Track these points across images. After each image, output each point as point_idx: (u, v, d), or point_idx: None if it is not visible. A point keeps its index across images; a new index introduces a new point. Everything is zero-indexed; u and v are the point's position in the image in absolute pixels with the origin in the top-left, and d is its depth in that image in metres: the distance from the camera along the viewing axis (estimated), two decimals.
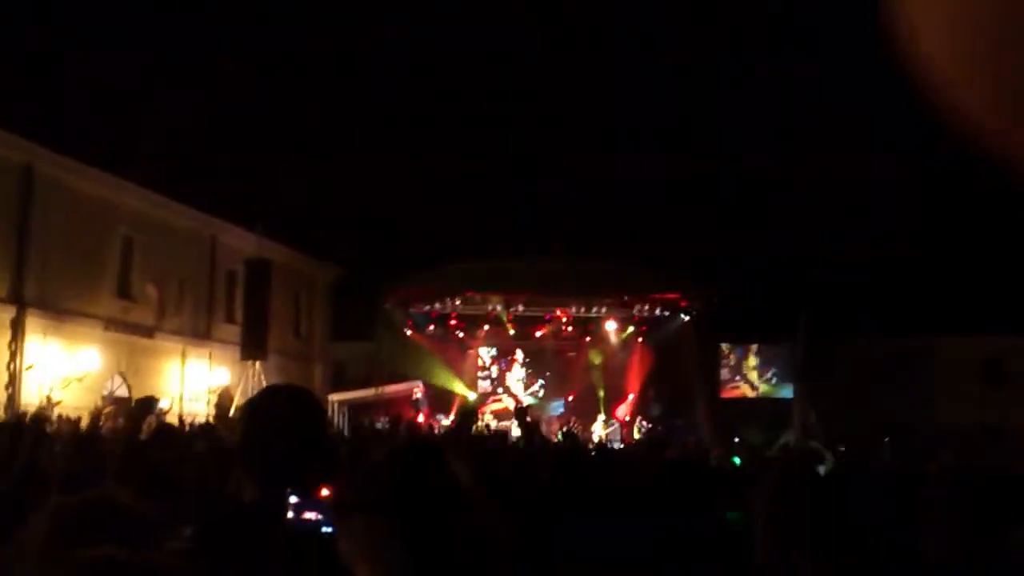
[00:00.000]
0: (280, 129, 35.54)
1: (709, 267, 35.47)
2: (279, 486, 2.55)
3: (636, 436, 31.38)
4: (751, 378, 38.88)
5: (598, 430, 32.28)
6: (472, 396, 35.79)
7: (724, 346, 38.69)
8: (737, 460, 12.07)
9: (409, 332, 35.59)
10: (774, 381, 37.99)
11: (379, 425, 25.69)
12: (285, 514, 2.54)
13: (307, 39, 45.06)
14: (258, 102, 39.19)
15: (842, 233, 38.73)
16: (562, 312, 35.26)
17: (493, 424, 29.82)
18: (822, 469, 8.99)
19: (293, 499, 4.34)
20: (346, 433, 21.90)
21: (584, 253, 33.88)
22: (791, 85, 44.15)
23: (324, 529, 4.11)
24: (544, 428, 29.22)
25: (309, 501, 4.65)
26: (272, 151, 32.67)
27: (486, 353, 37.46)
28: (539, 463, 6.82)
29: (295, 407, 2.69)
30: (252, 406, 2.78)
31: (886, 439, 25.55)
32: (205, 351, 30.06)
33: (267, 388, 3.00)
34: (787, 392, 35.36)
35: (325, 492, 4.86)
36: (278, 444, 2.59)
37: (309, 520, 4.45)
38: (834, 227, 39.42)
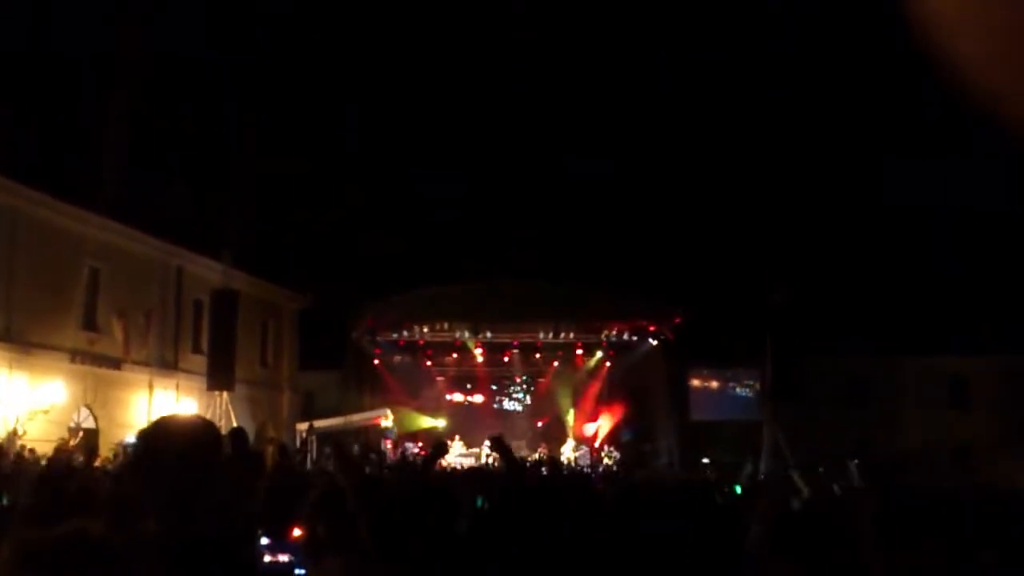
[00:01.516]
0: (246, 158, 35.47)
1: (676, 292, 35.66)
2: (174, 517, 2.51)
3: (605, 461, 31.47)
4: None
5: (567, 453, 32.33)
6: (441, 424, 35.78)
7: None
8: (739, 488, 12.18)
9: (377, 361, 35.57)
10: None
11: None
12: (194, 544, 2.48)
13: (272, 67, 45.07)
14: (224, 131, 39.09)
15: (806, 254, 39.03)
16: (530, 337, 35.34)
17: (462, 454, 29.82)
18: (796, 502, 9.07)
19: (264, 540, 4.34)
20: (311, 463, 21.84)
21: (552, 279, 34.01)
22: (756, 107, 44.63)
23: (296, 572, 4.12)
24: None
25: (280, 543, 4.66)
26: (237, 180, 32.58)
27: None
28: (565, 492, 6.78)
29: (185, 438, 2.65)
30: (145, 437, 2.72)
31: (854, 461, 25.73)
32: (172, 382, 29.86)
33: (159, 419, 2.88)
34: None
35: (296, 532, 4.87)
36: (169, 475, 2.56)
37: (280, 563, 4.46)
38: (798, 247, 39.76)
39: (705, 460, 28.97)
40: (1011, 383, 34.22)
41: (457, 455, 29.93)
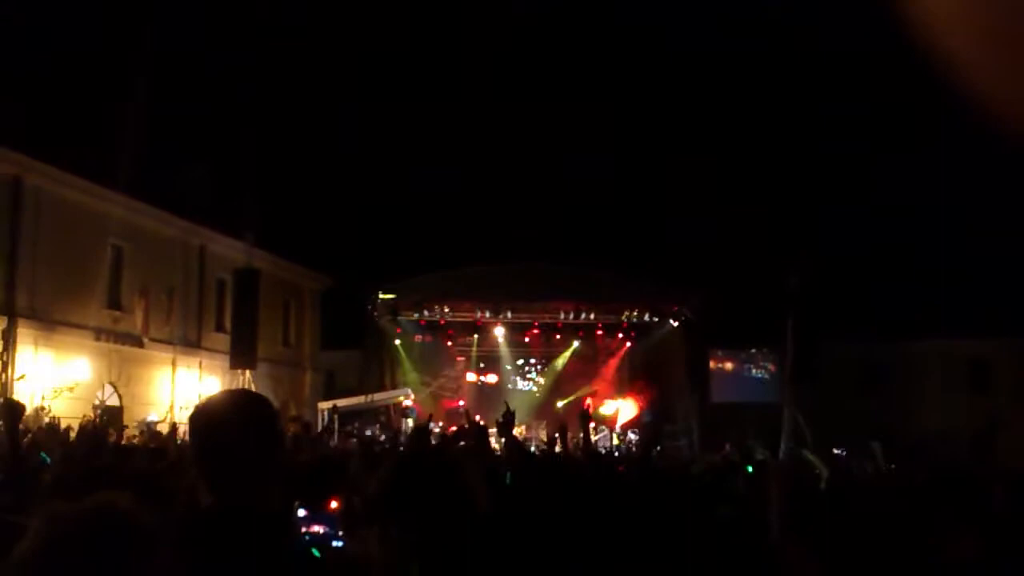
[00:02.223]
0: (269, 138, 35.60)
1: (696, 273, 35.59)
2: (232, 490, 2.53)
3: (624, 441, 31.46)
4: None
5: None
6: (460, 403, 35.84)
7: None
8: (750, 468, 12.17)
9: (398, 340, 35.65)
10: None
11: (369, 433, 25.79)
12: (244, 517, 2.49)
13: (297, 47, 45.16)
14: (247, 111, 39.23)
15: (825, 235, 38.90)
16: (551, 318, 35.31)
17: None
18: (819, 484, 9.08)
19: (301, 512, 4.42)
20: (334, 440, 21.94)
21: (573, 259, 33.97)
22: (777, 88, 44.40)
23: (334, 543, 4.20)
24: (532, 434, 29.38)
25: (317, 514, 4.75)
26: (260, 161, 32.73)
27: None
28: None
29: (243, 410, 2.66)
30: (200, 410, 2.71)
31: (877, 442, 25.65)
32: (195, 360, 30.11)
33: (219, 393, 2.91)
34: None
35: (334, 504, 4.95)
36: (227, 447, 2.57)
37: (317, 533, 4.55)
38: (817, 228, 39.63)
39: (727, 445, 28.88)
40: None
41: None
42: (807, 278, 30.90)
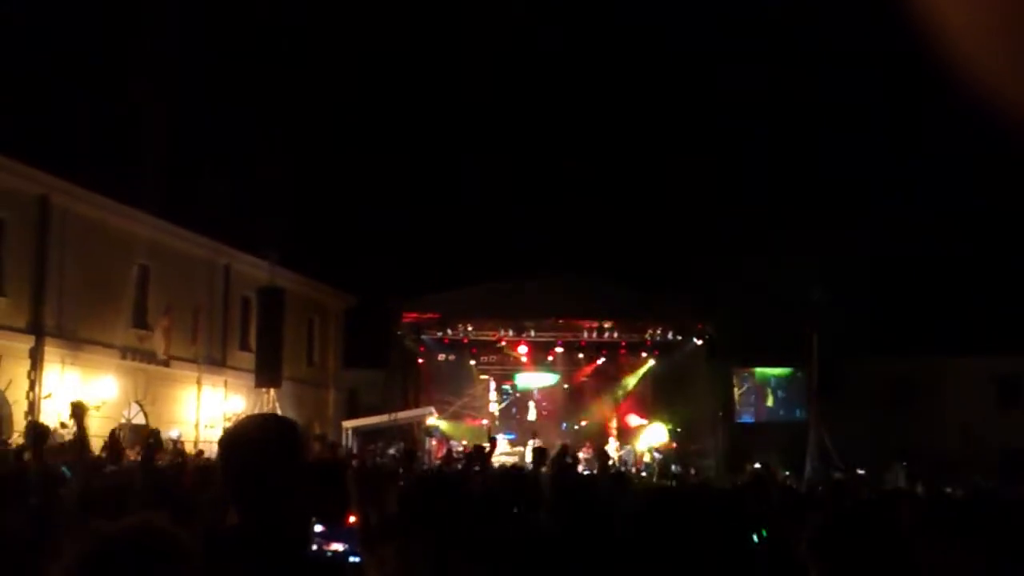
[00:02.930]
0: (293, 159, 35.80)
1: (722, 290, 35.50)
2: (259, 510, 2.60)
3: (647, 460, 31.35)
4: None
5: (611, 453, 32.19)
6: (484, 423, 35.79)
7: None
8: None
9: (421, 359, 35.64)
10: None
11: (392, 451, 25.74)
12: (269, 536, 2.57)
13: (320, 69, 45.38)
14: (272, 131, 39.48)
15: (849, 254, 38.69)
16: (574, 336, 35.24)
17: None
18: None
19: (318, 528, 4.43)
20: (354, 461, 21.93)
21: (596, 278, 33.92)
22: (795, 113, 44.31)
23: (351, 559, 4.20)
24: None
25: (334, 531, 4.74)
26: (285, 180, 32.92)
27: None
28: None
29: (272, 435, 2.73)
30: (230, 434, 2.82)
31: (902, 463, 25.43)
32: (220, 379, 30.22)
33: (247, 417, 3.05)
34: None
35: (352, 520, 4.95)
36: (255, 470, 2.63)
37: (335, 551, 4.55)
38: (840, 246, 39.45)
39: (757, 464, 28.74)
40: None
41: (500, 453, 29.89)
42: (829, 295, 30.84)
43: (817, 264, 34.66)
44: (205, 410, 29.21)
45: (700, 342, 34.93)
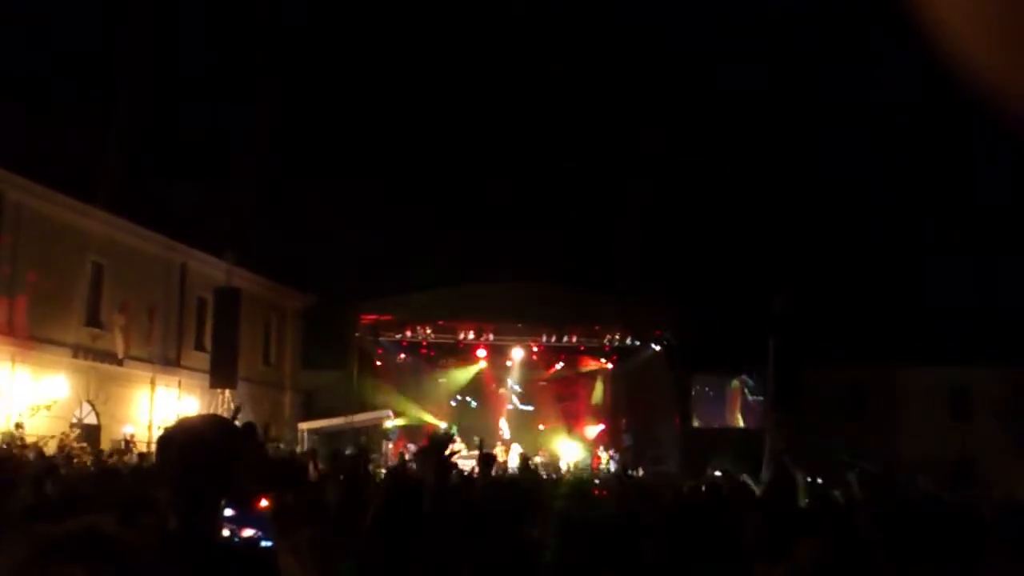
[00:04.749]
0: (250, 157, 35.48)
1: (680, 297, 35.61)
2: (197, 512, 2.58)
3: (605, 466, 31.39)
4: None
5: (568, 457, 32.25)
6: (443, 426, 35.66)
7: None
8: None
9: (379, 361, 35.52)
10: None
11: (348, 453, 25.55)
12: (210, 537, 2.58)
13: (277, 64, 45.05)
14: (229, 129, 39.15)
15: (807, 261, 38.99)
16: (533, 341, 35.28)
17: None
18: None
19: (228, 512, 4.33)
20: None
21: (556, 282, 33.97)
22: (763, 113, 44.58)
23: (263, 543, 4.12)
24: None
25: (245, 516, 4.65)
26: (241, 179, 32.60)
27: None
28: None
29: (207, 436, 2.72)
30: (165, 437, 2.78)
31: (855, 471, 25.62)
32: (174, 379, 29.87)
33: (180, 420, 3.01)
34: None
35: (264, 503, 4.86)
36: (192, 472, 2.61)
37: (248, 538, 4.47)
38: (800, 253, 39.74)
39: (718, 473, 28.83)
40: (1014, 393, 34.09)
41: (457, 457, 29.77)
42: (789, 303, 31.05)
43: (778, 271, 34.93)
44: (159, 410, 28.84)
45: (659, 348, 35.10)
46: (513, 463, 26.63)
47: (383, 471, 17.44)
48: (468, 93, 48.99)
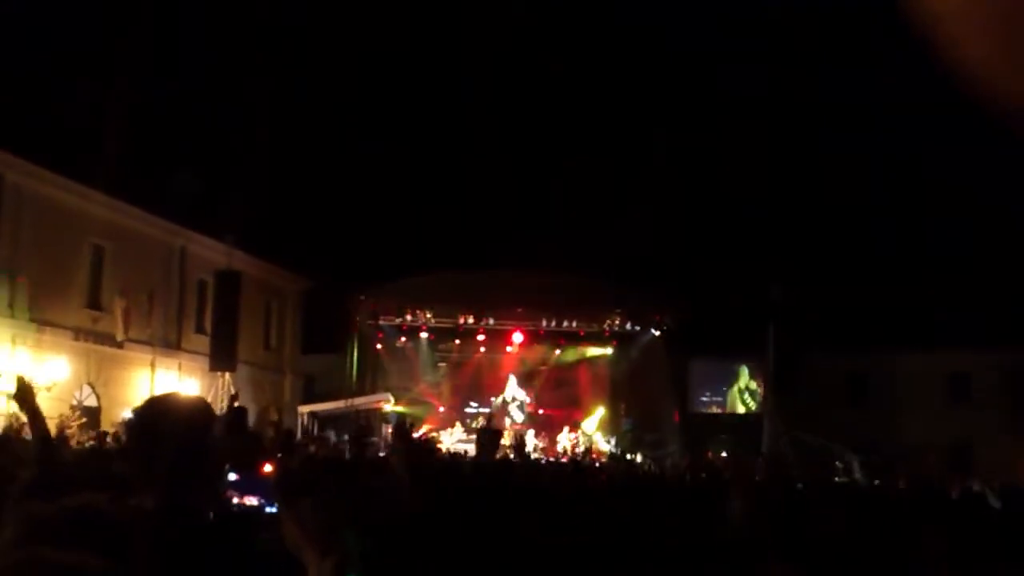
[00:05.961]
0: (251, 140, 35.44)
1: (681, 282, 35.64)
2: (171, 494, 2.57)
3: (604, 449, 31.48)
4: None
5: (564, 442, 32.31)
6: (441, 410, 35.74)
7: None
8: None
9: (379, 345, 35.55)
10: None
11: (347, 437, 25.65)
12: (183, 519, 2.55)
13: (278, 47, 45.01)
14: (230, 112, 39.10)
15: (806, 248, 39.00)
16: (533, 325, 35.27)
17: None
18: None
19: (231, 476, 4.35)
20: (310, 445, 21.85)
21: (556, 266, 33.95)
22: (762, 104, 44.51)
23: (267, 510, 4.12)
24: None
25: (248, 481, 4.66)
26: (242, 162, 32.58)
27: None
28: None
29: (179, 416, 2.71)
30: (137, 418, 2.78)
31: (856, 457, 25.66)
32: (175, 362, 29.91)
33: (151, 399, 2.94)
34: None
35: (268, 468, 4.87)
36: (163, 454, 2.60)
37: (251, 506, 4.48)
38: (799, 240, 39.75)
39: (723, 453, 28.97)
40: (1012, 378, 34.11)
41: (456, 440, 29.92)
42: (787, 290, 31.11)
43: (777, 259, 34.95)
44: (159, 393, 28.85)
45: (658, 333, 35.12)
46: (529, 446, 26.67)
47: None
48: (468, 92, 48.95)
